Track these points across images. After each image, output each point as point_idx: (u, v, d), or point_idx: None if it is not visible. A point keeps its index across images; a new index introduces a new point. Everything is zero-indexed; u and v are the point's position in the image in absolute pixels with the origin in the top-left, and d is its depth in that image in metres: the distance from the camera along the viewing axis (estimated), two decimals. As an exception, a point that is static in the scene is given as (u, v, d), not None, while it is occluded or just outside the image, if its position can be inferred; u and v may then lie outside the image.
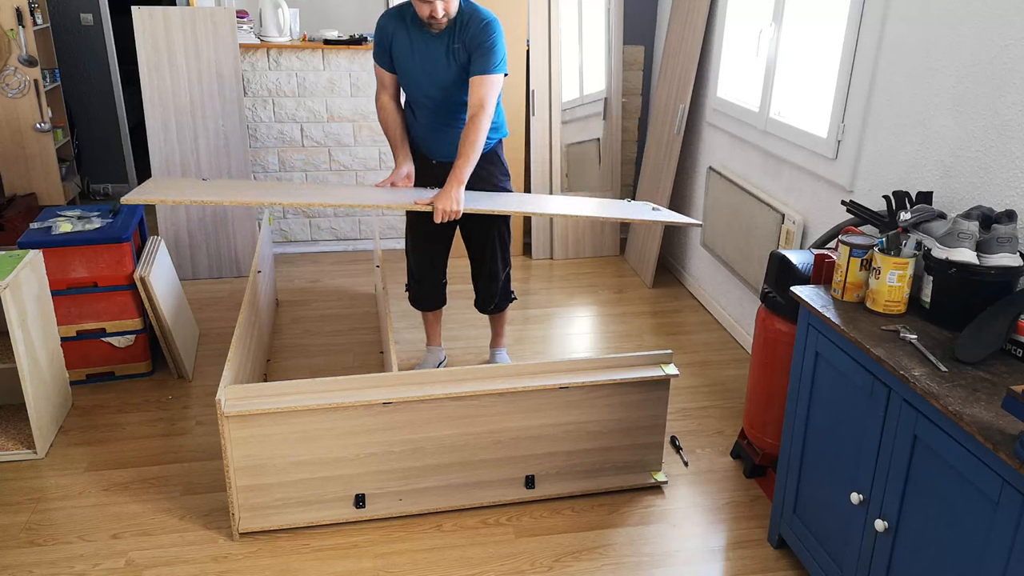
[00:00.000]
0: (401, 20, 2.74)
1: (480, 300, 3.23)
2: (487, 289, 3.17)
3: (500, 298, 3.20)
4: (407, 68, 2.77)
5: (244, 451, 2.31)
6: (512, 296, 3.27)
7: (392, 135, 2.88)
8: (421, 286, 3.19)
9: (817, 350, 2.10)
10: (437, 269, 3.15)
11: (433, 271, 3.14)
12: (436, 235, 3.05)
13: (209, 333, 3.72)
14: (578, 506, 2.58)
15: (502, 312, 3.30)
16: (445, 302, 3.29)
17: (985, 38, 2.15)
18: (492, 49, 2.64)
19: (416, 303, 3.26)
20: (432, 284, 3.18)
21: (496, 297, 3.19)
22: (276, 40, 4.38)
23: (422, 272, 3.15)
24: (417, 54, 2.73)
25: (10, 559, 2.30)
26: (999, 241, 1.86)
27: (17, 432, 2.86)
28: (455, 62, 2.70)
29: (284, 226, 4.76)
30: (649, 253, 4.40)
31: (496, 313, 3.28)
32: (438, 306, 3.28)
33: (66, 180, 5.21)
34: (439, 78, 2.73)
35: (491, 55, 2.64)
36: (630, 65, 4.71)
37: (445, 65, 2.71)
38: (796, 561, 2.36)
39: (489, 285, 3.16)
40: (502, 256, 3.11)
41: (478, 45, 2.64)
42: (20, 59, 4.68)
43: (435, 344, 3.40)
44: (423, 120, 2.87)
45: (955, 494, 1.62)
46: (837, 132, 2.84)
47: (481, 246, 3.07)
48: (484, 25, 2.65)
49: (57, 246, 3.02)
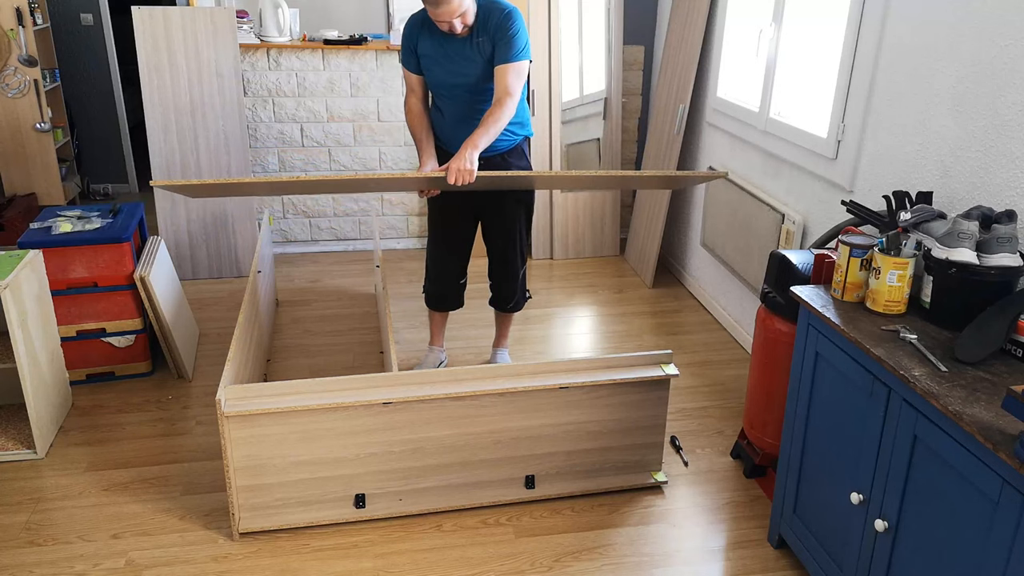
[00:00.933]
0: (424, 23, 2.77)
1: (500, 298, 3.21)
2: (508, 286, 3.16)
3: (519, 296, 3.21)
4: (434, 67, 2.79)
5: (244, 451, 2.31)
6: (528, 294, 3.28)
7: (418, 135, 2.90)
8: (438, 285, 3.18)
9: (817, 350, 2.10)
10: (456, 268, 3.14)
11: (452, 270, 3.13)
12: (457, 233, 3.06)
13: (209, 333, 3.72)
14: (578, 506, 2.58)
15: (516, 311, 3.30)
16: (462, 304, 3.28)
17: (985, 38, 2.15)
18: (515, 37, 2.68)
19: (431, 302, 3.25)
20: (450, 284, 3.17)
21: (516, 294, 3.19)
22: (276, 40, 4.38)
23: (439, 270, 3.14)
24: (443, 53, 2.75)
25: (10, 559, 2.30)
26: (999, 241, 1.86)
27: (17, 432, 2.86)
28: (481, 56, 2.72)
29: (284, 226, 4.76)
30: (649, 253, 4.40)
31: (515, 311, 3.27)
32: (454, 307, 3.28)
33: (66, 180, 5.21)
34: (466, 72, 2.75)
35: (514, 43, 2.68)
36: (630, 65, 4.71)
37: (472, 59, 2.73)
38: (796, 561, 2.36)
39: (510, 282, 3.15)
40: (522, 252, 3.11)
41: (502, 35, 2.68)
42: (20, 59, 4.68)
43: (437, 344, 3.40)
44: (451, 114, 2.87)
45: (955, 494, 1.62)
46: (837, 132, 2.84)
47: (503, 240, 3.05)
48: (505, 15, 2.69)
49: (57, 246, 3.02)
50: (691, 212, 4.28)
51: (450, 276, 3.16)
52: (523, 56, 2.71)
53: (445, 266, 3.13)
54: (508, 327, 3.40)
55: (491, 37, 2.69)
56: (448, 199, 2.98)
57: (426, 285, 3.24)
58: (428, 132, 2.91)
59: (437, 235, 3.10)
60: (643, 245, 4.49)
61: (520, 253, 3.10)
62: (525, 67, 2.73)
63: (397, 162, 4.69)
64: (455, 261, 3.13)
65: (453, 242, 3.09)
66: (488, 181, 2.67)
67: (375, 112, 4.58)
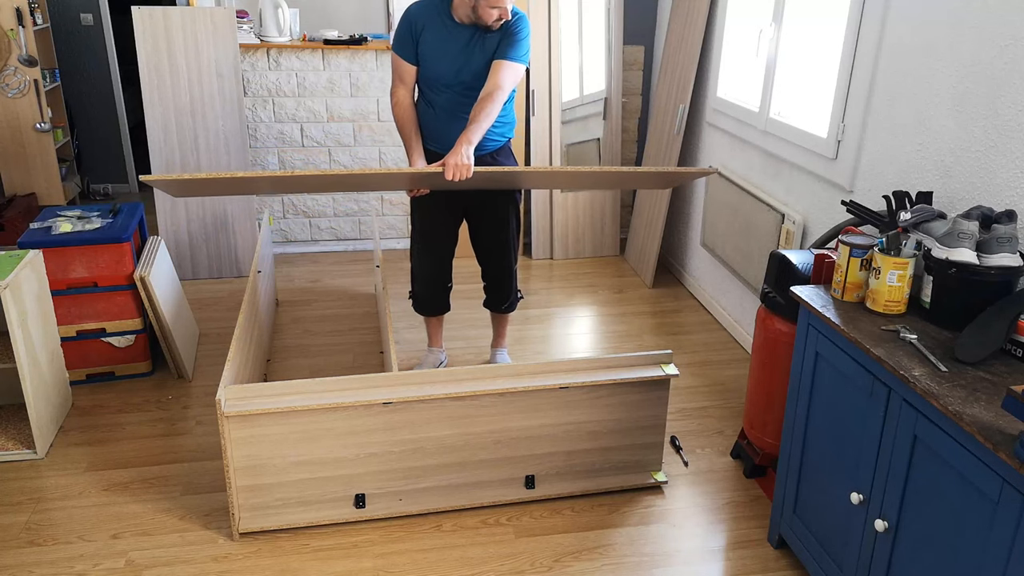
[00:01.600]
0: (434, 11, 2.75)
1: (493, 299, 3.21)
2: (503, 286, 3.16)
3: (514, 296, 3.21)
4: (437, 57, 2.77)
5: (244, 451, 2.31)
6: (520, 295, 3.27)
7: (407, 131, 2.86)
8: (425, 289, 3.17)
9: (817, 350, 2.10)
10: (441, 272, 3.13)
11: (437, 274, 3.13)
12: (444, 234, 3.05)
13: (209, 333, 3.72)
14: (578, 506, 2.58)
15: (511, 312, 3.29)
16: (448, 308, 3.27)
17: (985, 38, 2.15)
18: (522, 40, 2.72)
19: (419, 308, 3.25)
20: (436, 288, 3.16)
21: (511, 294, 3.19)
22: (276, 40, 4.38)
23: (426, 274, 3.13)
24: (451, 44, 2.74)
25: (10, 559, 2.30)
26: (999, 241, 1.86)
27: (17, 432, 2.86)
28: (485, 52, 2.74)
29: (284, 226, 4.76)
30: (649, 253, 4.40)
31: (509, 312, 3.27)
32: (441, 312, 3.27)
33: (66, 180, 5.21)
34: (471, 65, 2.75)
35: (519, 45, 2.72)
36: (630, 65, 4.71)
37: (478, 52, 2.74)
38: (796, 561, 2.36)
39: (507, 281, 3.14)
40: (514, 251, 3.11)
41: (510, 34, 2.71)
42: (20, 59, 4.69)
43: (436, 346, 3.40)
44: (443, 108, 2.84)
45: (955, 494, 1.62)
46: (837, 132, 2.84)
47: (497, 239, 3.04)
48: (518, 17, 2.75)
49: (57, 246, 3.02)
50: (691, 212, 4.28)
51: (439, 279, 3.14)
52: (523, 60, 2.73)
53: (433, 269, 3.11)
54: (505, 327, 3.40)
55: (498, 34, 2.71)
56: (436, 199, 2.94)
57: (415, 290, 3.21)
58: (417, 128, 2.88)
59: (425, 237, 3.07)
60: (643, 245, 4.50)
61: (513, 252, 3.10)
62: (521, 71, 2.74)
63: (397, 162, 4.69)
64: (444, 263, 3.12)
65: (441, 243, 3.07)
66: (484, 178, 2.67)
67: (375, 112, 4.58)
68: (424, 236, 3.07)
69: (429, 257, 3.10)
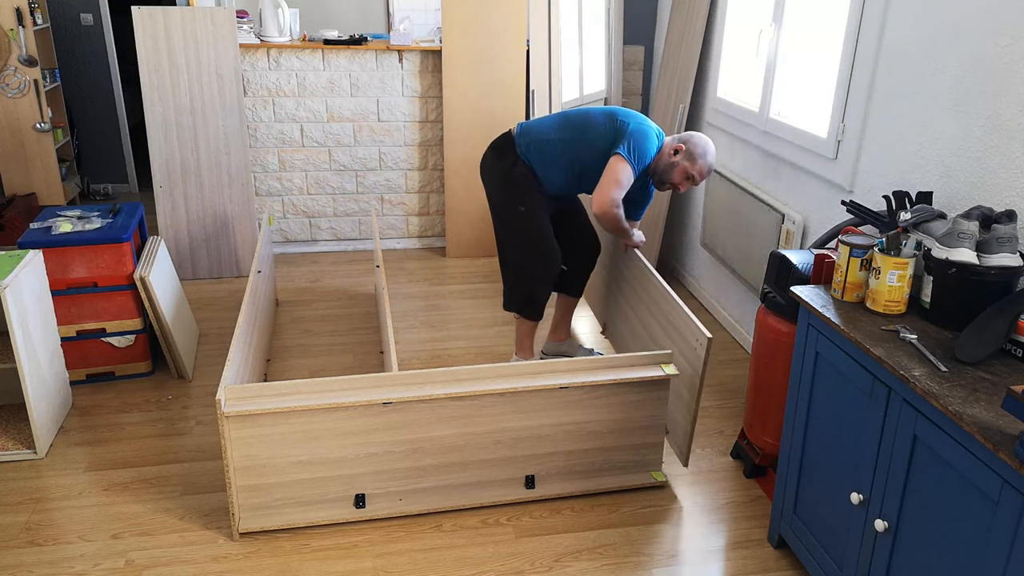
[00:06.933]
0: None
1: (582, 285, 3.37)
2: (589, 272, 3.37)
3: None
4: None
5: (244, 451, 2.31)
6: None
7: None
8: (547, 291, 3.15)
9: (817, 350, 2.10)
10: (556, 272, 3.16)
11: (554, 275, 3.14)
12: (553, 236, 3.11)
13: (209, 333, 3.72)
14: (578, 506, 2.58)
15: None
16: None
17: (985, 38, 2.15)
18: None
19: (540, 313, 3.21)
20: (550, 288, 3.17)
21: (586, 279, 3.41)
22: (276, 40, 4.38)
23: (549, 277, 3.11)
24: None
25: (10, 559, 2.31)
26: (999, 241, 1.86)
27: (17, 432, 2.86)
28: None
29: (284, 226, 4.76)
30: (649, 253, 4.39)
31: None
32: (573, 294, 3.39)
33: (66, 180, 5.21)
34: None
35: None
36: (630, 65, 4.71)
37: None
38: (796, 561, 2.36)
39: (591, 268, 3.38)
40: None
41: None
42: (20, 59, 4.69)
43: (560, 339, 3.48)
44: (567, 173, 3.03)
45: (955, 494, 1.62)
46: (837, 132, 2.84)
47: (586, 231, 3.28)
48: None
49: (57, 246, 3.02)
50: (691, 212, 4.28)
51: (553, 279, 3.15)
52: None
53: (554, 270, 3.11)
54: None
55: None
56: (544, 210, 3.08)
57: (538, 296, 3.15)
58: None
59: (549, 243, 3.06)
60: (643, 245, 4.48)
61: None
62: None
63: (397, 162, 4.69)
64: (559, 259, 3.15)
65: (554, 242, 3.11)
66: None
67: (375, 112, 4.58)
68: (547, 241, 3.06)
69: (549, 260, 3.08)
